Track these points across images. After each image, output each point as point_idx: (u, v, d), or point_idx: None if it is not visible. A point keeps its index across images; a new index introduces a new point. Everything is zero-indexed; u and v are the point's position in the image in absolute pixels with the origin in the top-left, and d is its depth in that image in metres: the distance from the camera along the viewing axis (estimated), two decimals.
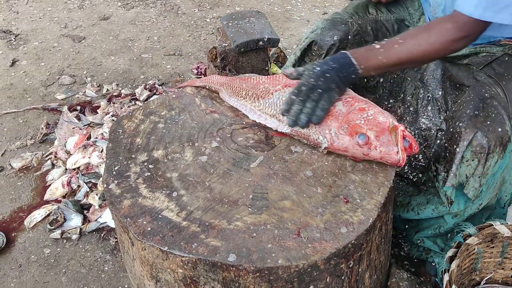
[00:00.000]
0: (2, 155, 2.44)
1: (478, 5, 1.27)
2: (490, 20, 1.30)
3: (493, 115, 1.37)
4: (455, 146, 1.39)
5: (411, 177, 1.71)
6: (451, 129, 1.41)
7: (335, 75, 1.28)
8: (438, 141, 1.51)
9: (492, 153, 1.36)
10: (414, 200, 1.66)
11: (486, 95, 1.42)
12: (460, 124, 1.38)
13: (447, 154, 1.42)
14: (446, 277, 1.38)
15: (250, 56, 2.30)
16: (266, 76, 1.49)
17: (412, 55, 1.34)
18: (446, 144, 1.43)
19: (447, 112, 1.65)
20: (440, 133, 1.52)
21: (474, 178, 1.39)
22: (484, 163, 1.36)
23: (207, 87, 1.60)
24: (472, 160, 1.37)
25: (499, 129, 1.35)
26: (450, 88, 1.65)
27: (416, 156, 1.69)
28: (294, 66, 1.87)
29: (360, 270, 1.19)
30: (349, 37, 1.76)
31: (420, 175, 1.69)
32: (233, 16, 2.44)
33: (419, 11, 1.78)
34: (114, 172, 1.26)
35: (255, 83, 1.46)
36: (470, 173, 1.38)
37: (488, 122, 1.36)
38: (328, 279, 1.11)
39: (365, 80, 1.88)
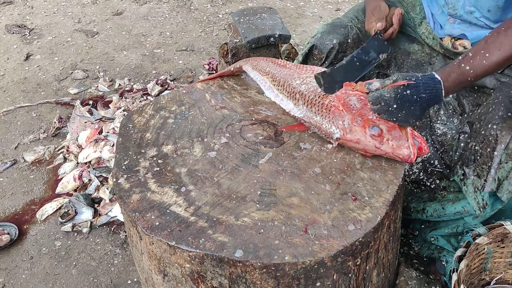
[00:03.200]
0: (15, 148, 2.47)
1: None
2: None
3: None
4: (488, 149, 1.37)
5: (428, 183, 1.69)
6: (483, 132, 1.39)
7: (419, 106, 1.23)
8: (463, 144, 1.49)
9: None
10: (429, 207, 1.64)
11: None
12: (494, 127, 1.37)
13: (478, 157, 1.40)
14: (454, 277, 1.37)
15: (261, 52, 2.29)
16: (293, 63, 1.52)
17: (500, 66, 1.30)
18: (476, 147, 1.41)
19: (463, 114, 1.63)
20: (463, 135, 1.50)
21: (509, 181, 1.37)
22: None
23: (232, 70, 1.65)
24: (506, 163, 1.35)
25: None
26: (465, 90, 1.63)
27: (432, 162, 1.67)
28: None
29: (367, 268, 1.18)
30: (349, 40, 1.76)
31: (438, 181, 1.67)
32: (245, 12, 2.43)
33: (420, 15, 1.77)
34: (123, 167, 1.27)
35: (282, 64, 1.50)
36: (504, 176, 1.37)
37: None
38: (335, 277, 1.10)
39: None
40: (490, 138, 1.37)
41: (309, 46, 1.80)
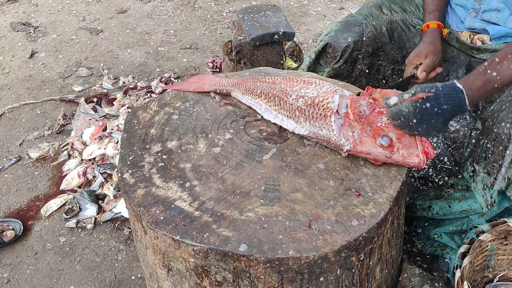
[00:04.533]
0: (20, 145, 2.49)
1: None
2: None
3: None
4: (500, 148, 1.36)
5: (437, 180, 1.68)
6: (495, 130, 1.38)
7: (441, 118, 1.17)
8: (474, 141, 1.48)
9: None
10: (435, 205, 1.64)
11: None
12: (508, 125, 1.35)
13: (489, 155, 1.40)
14: (458, 273, 1.37)
15: (265, 49, 2.30)
16: (281, 76, 1.47)
17: None
18: (488, 145, 1.40)
19: (476, 111, 1.62)
20: (474, 132, 1.49)
21: None
22: None
23: (218, 91, 1.54)
24: None
25: None
26: None
27: (442, 158, 1.66)
28: (309, 68, 1.86)
29: (371, 263, 1.19)
30: (364, 38, 1.75)
31: (446, 178, 1.66)
32: (249, 10, 2.44)
33: None
34: (128, 162, 1.28)
35: (270, 82, 1.42)
36: None
37: None
38: (338, 272, 1.11)
39: (384, 81, 1.87)
40: (503, 137, 1.36)
41: (323, 44, 1.78)
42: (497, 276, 1.59)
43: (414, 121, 1.16)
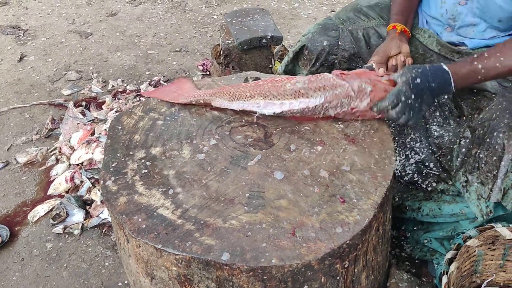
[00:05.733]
0: (8, 149, 2.46)
1: None
2: None
3: None
4: (494, 158, 1.36)
5: (424, 186, 1.67)
6: (488, 140, 1.38)
7: (431, 96, 1.32)
8: (464, 150, 1.47)
9: None
10: (425, 206, 1.63)
11: None
12: (501, 135, 1.35)
13: (483, 165, 1.39)
14: (444, 279, 1.36)
15: (253, 53, 2.30)
16: (261, 79, 1.50)
17: (510, 71, 1.35)
18: (481, 155, 1.40)
19: (461, 117, 1.61)
20: (464, 141, 1.49)
21: None
22: None
23: (194, 103, 1.50)
24: (511, 172, 1.35)
25: None
26: (462, 92, 1.61)
27: (427, 164, 1.66)
28: (287, 66, 1.86)
29: (356, 270, 1.18)
30: (339, 42, 1.75)
31: (435, 184, 1.65)
32: (237, 13, 2.43)
33: (415, 22, 1.76)
34: (111, 169, 1.26)
35: (254, 85, 1.43)
36: (509, 185, 1.35)
37: None
38: (322, 279, 1.10)
39: None
40: (496, 147, 1.35)
41: (300, 45, 1.79)
42: (485, 281, 1.58)
43: (413, 96, 1.28)
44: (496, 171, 1.36)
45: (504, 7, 1.46)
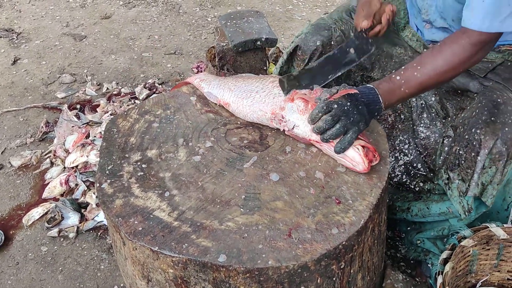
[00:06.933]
0: (2, 153, 2.45)
1: (485, 18, 1.27)
2: (498, 31, 1.29)
3: (510, 121, 1.36)
4: (473, 154, 1.38)
5: (412, 186, 1.69)
6: (467, 136, 1.40)
7: (366, 109, 1.26)
8: (447, 148, 1.49)
9: (510, 159, 1.36)
10: (414, 206, 1.65)
11: (499, 100, 1.42)
12: (478, 131, 1.38)
13: (462, 161, 1.41)
14: (439, 279, 1.37)
15: (248, 56, 2.30)
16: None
17: (432, 79, 1.33)
18: (461, 152, 1.42)
19: (447, 118, 1.63)
20: (447, 140, 1.50)
21: (492, 185, 1.38)
22: (502, 170, 1.36)
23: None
24: (490, 168, 1.36)
25: None
26: (448, 93, 1.64)
27: (415, 165, 1.67)
28: (282, 68, 1.87)
29: (352, 271, 1.18)
30: (332, 42, 1.76)
31: (422, 184, 1.67)
32: (232, 16, 2.44)
33: (404, 19, 1.78)
34: (107, 172, 1.26)
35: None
36: (488, 180, 1.38)
37: (506, 129, 1.35)
38: (319, 280, 1.10)
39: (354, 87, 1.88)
40: (474, 143, 1.38)
41: (294, 45, 1.81)
42: (479, 281, 1.59)
43: (348, 103, 1.22)
44: (475, 167, 1.38)
45: (453, 6, 1.48)
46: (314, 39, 1.75)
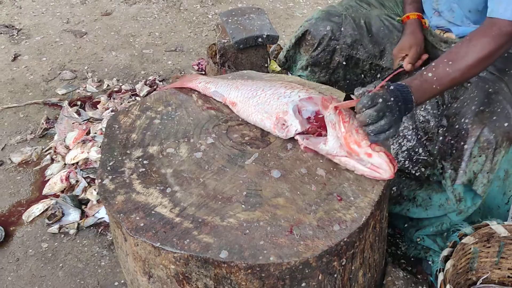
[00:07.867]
0: (2, 149, 2.45)
1: None
2: None
3: (499, 110, 1.37)
4: (462, 143, 1.39)
5: (413, 171, 1.70)
6: (457, 126, 1.41)
7: (404, 108, 1.24)
8: (441, 138, 1.50)
9: (499, 148, 1.36)
10: (418, 196, 1.65)
11: (490, 90, 1.43)
12: (466, 121, 1.39)
13: (454, 151, 1.42)
14: (440, 277, 1.37)
15: (249, 52, 2.30)
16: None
17: (464, 75, 1.32)
18: (452, 141, 1.43)
19: (444, 105, 1.64)
20: (441, 129, 1.51)
21: (483, 174, 1.39)
22: (492, 158, 1.37)
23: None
24: (480, 156, 1.37)
25: (505, 124, 1.36)
26: None
27: (417, 150, 1.68)
28: (288, 52, 1.88)
29: (353, 268, 1.18)
30: (342, 29, 1.77)
31: (423, 169, 1.68)
32: (233, 13, 2.43)
33: None
34: (108, 168, 1.26)
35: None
36: (478, 169, 1.38)
37: (495, 118, 1.36)
38: (320, 277, 1.10)
39: (362, 76, 1.88)
40: (462, 132, 1.40)
41: (303, 30, 1.82)
42: (480, 279, 1.59)
43: (392, 99, 1.19)
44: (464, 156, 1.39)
45: None
46: (324, 24, 1.76)
